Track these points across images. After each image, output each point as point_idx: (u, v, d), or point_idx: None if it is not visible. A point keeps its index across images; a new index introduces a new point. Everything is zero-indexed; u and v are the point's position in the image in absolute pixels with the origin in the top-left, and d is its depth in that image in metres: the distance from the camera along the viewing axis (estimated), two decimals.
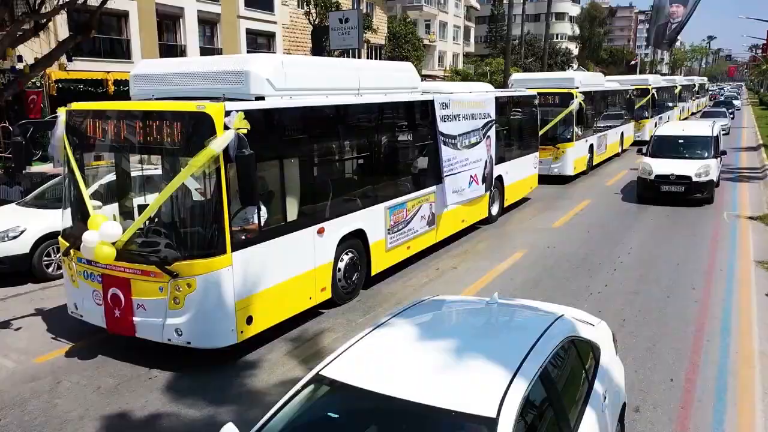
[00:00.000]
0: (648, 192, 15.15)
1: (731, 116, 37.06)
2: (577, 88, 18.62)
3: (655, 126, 31.32)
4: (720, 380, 6.31)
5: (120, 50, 26.93)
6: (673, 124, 20.11)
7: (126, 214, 7.90)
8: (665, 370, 6.52)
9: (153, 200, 6.70)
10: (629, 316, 8.03)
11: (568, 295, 8.87)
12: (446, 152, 11.04)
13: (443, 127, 10.87)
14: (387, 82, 9.54)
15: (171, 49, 28.78)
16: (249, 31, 33.38)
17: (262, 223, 7.00)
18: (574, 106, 18.07)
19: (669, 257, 10.70)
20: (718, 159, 16.06)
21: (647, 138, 29.50)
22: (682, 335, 7.42)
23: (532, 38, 65.66)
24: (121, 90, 24.15)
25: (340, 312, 8.39)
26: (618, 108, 24.70)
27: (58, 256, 9.89)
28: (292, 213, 7.50)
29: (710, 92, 70.03)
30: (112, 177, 8.50)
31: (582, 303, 8.54)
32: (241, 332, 6.79)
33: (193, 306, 6.45)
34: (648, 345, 7.14)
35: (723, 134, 26.75)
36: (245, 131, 6.32)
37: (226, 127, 6.26)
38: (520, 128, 15.18)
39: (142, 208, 7.60)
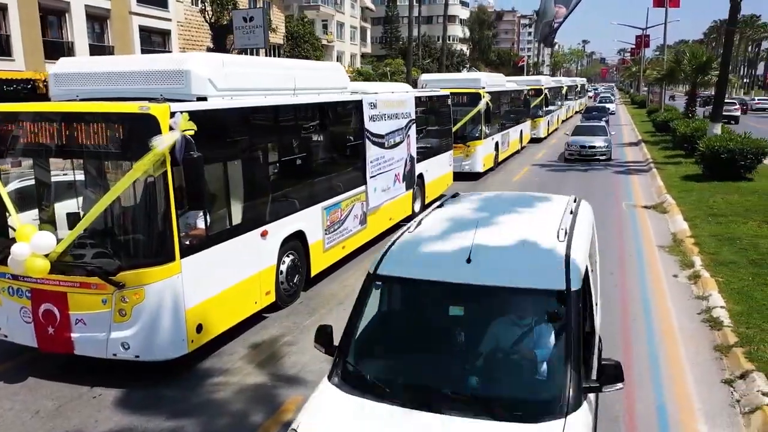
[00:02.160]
0: None
1: (606, 123, 29.96)
2: (484, 88, 19.42)
3: (548, 125, 33.29)
4: (652, 354, 6.92)
5: None
6: (439, 219, 5.34)
7: (50, 223, 7.32)
8: (604, 351, 7.01)
9: (92, 207, 6.27)
10: None
11: None
12: (374, 151, 11.19)
13: (372, 126, 11.01)
14: (320, 82, 9.52)
15: (57, 46, 26.77)
16: (142, 28, 31.76)
17: (209, 228, 6.78)
18: (482, 105, 18.84)
19: None
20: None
21: (542, 135, 31.55)
22: (611, 317, 8.01)
23: (427, 40, 67.45)
24: (4, 90, 22.18)
25: (284, 315, 8.28)
26: (517, 107, 26.03)
27: None
28: (236, 216, 7.31)
29: (591, 92, 75.48)
30: (28, 183, 7.85)
31: None
32: (192, 341, 6.54)
33: (142, 317, 6.14)
34: None
35: (602, 157, 22.78)
36: (192, 133, 6.11)
37: (171, 129, 6.01)
38: (437, 127, 15.63)
39: (71, 216, 7.10)
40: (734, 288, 8.64)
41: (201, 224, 6.74)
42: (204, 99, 6.83)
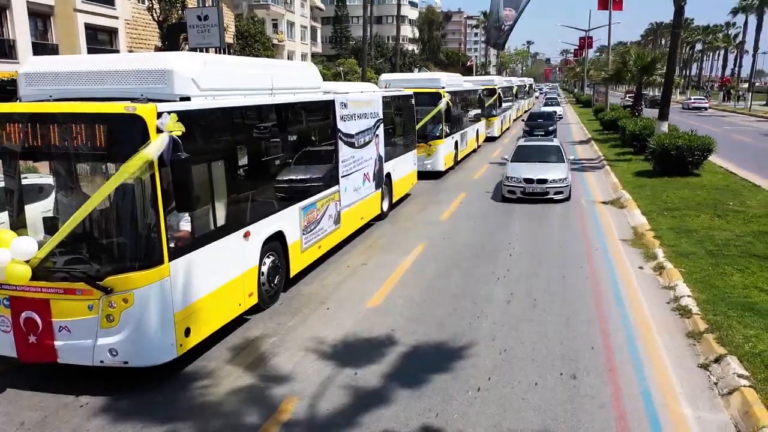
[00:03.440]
0: None
1: (554, 137, 23.67)
2: (444, 88, 19.67)
3: (501, 124, 33.98)
4: (630, 343, 7.22)
5: None
6: None
7: (21, 228, 7.03)
8: (584, 340, 7.30)
9: (75, 211, 6.07)
10: (538, 295, 8.82)
11: (479, 281, 9.49)
12: (346, 151, 11.23)
13: (343, 126, 11.05)
14: (295, 81, 9.49)
15: None
16: (88, 26, 30.71)
17: (196, 230, 6.69)
18: (442, 105, 19.11)
19: (551, 240, 11.85)
20: None
21: (496, 134, 32.20)
22: (587, 308, 8.33)
23: (378, 40, 67.69)
24: None
25: (266, 316, 8.22)
26: (473, 107, 26.45)
27: None
28: (221, 218, 7.22)
29: (537, 92, 77.10)
30: None
31: (493, 287, 9.22)
32: (181, 345, 6.44)
33: (131, 322, 6.00)
34: (563, 320, 7.92)
35: (558, 196, 15.15)
36: (179, 133, 6.02)
37: (158, 130, 5.90)
38: (403, 127, 15.78)
39: (48, 220, 6.88)
40: (697, 278, 9.09)
41: (187, 226, 6.64)
42: (187, 99, 6.71)
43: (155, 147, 5.83)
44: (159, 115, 5.93)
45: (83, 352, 6.06)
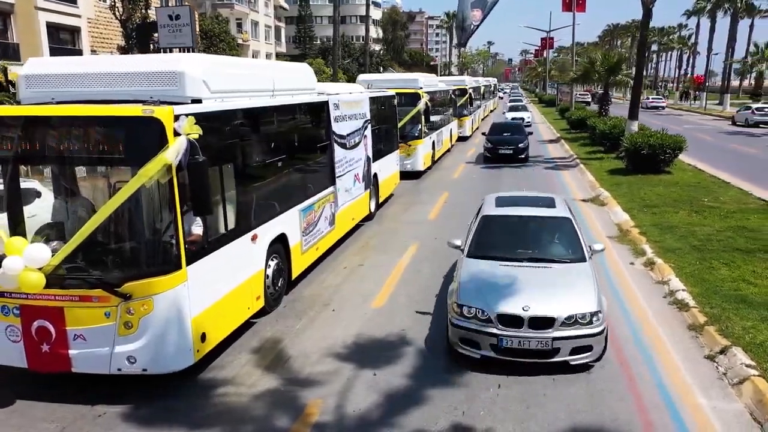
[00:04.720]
0: None
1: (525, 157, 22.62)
2: (422, 88, 19.81)
3: (472, 124, 34.39)
4: (636, 337, 7.43)
5: None
6: None
7: (20, 234, 6.80)
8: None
9: (90, 217, 5.93)
10: None
11: None
12: (339, 152, 11.23)
13: (336, 127, 11.05)
14: (293, 83, 9.44)
15: None
16: (50, 25, 29.78)
17: (210, 234, 6.61)
18: (421, 105, 19.25)
19: None
20: None
21: (467, 134, 32.56)
22: None
23: (344, 40, 67.53)
24: None
25: (272, 319, 8.17)
26: (447, 107, 26.68)
27: None
28: (231, 221, 7.16)
29: (501, 92, 77.98)
30: None
31: None
32: (197, 351, 6.36)
33: (150, 329, 5.89)
34: None
35: (583, 358, 5.84)
36: (196, 136, 5.94)
37: (176, 133, 5.81)
38: (387, 127, 15.82)
39: (55, 226, 6.69)
40: (687, 272, 9.40)
41: (200, 230, 6.54)
42: (199, 101, 6.61)
43: (174, 150, 5.73)
44: (176, 117, 5.84)
45: (100, 361, 5.93)
